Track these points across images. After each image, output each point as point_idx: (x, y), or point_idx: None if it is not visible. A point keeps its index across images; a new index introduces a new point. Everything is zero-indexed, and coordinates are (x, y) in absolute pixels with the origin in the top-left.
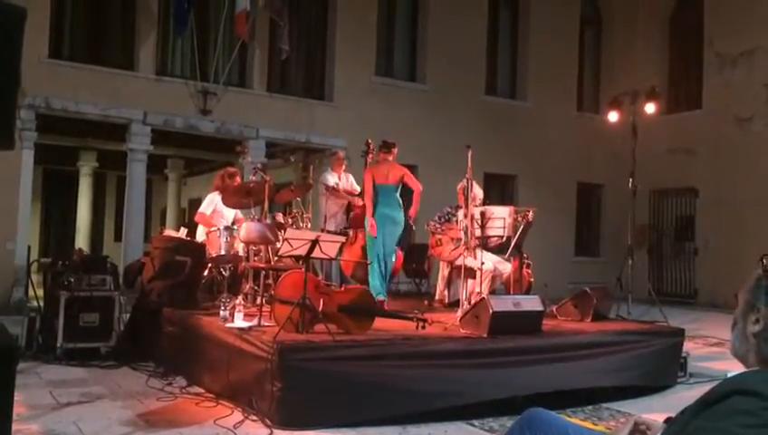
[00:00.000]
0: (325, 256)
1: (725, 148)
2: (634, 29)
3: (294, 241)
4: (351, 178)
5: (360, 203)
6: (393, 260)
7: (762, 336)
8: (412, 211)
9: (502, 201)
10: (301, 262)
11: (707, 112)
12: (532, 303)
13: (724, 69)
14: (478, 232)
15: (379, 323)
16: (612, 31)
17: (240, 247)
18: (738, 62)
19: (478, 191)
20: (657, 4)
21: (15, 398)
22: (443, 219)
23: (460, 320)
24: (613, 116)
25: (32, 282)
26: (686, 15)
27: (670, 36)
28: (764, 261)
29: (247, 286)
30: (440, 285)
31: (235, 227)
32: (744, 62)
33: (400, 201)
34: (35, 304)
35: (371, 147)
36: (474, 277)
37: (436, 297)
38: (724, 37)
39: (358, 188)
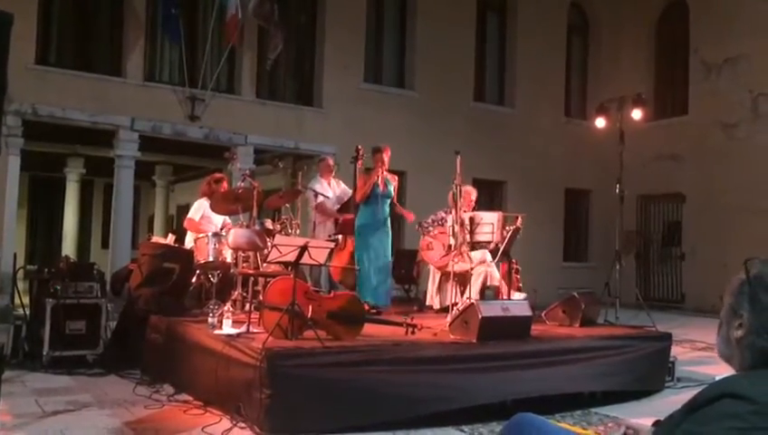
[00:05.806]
0: (314, 263)
1: (712, 154)
2: (620, 36)
3: (283, 247)
4: (343, 184)
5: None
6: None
7: (744, 342)
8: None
9: (491, 207)
10: (290, 268)
11: (693, 119)
12: (520, 308)
13: (709, 76)
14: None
15: (369, 329)
16: (599, 38)
17: (228, 254)
18: (723, 69)
19: (471, 190)
20: (644, 12)
21: (1, 407)
22: (436, 223)
23: (449, 325)
24: (600, 122)
25: (18, 289)
26: (672, 23)
27: (656, 43)
28: (748, 265)
29: (236, 293)
30: (430, 290)
31: (224, 233)
32: (729, 68)
33: None
34: (21, 311)
35: (361, 153)
36: (463, 283)
37: (426, 303)
38: (710, 44)
39: (350, 193)
